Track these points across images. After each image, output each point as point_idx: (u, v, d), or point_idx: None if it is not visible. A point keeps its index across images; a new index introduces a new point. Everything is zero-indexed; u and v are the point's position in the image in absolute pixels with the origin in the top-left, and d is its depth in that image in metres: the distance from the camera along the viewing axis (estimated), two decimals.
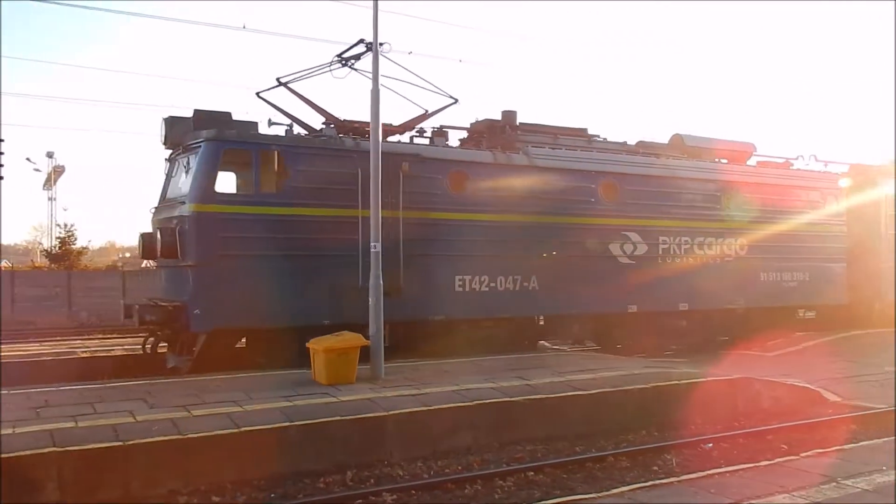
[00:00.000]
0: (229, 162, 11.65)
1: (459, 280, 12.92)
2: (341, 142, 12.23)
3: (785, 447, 8.09)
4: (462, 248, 12.90)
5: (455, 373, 10.73)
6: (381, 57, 10.69)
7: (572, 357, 13.32)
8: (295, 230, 11.49)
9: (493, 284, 13.21)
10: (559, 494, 6.15)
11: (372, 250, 10.38)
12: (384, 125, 11.61)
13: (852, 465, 6.12)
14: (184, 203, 11.18)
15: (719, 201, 15.85)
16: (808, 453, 6.58)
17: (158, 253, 11.31)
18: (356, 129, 12.64)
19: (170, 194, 12.10)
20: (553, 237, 13.78)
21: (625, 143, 15.71)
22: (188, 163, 11.42)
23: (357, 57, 12.19)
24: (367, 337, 10.11)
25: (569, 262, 13.92)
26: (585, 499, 5.46)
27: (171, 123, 11.97)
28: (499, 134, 14.13)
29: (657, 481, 5.83)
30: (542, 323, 14.25)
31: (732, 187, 16.02)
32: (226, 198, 11.33)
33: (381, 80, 10.68)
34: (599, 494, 5.51)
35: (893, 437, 7.33)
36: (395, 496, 6.81)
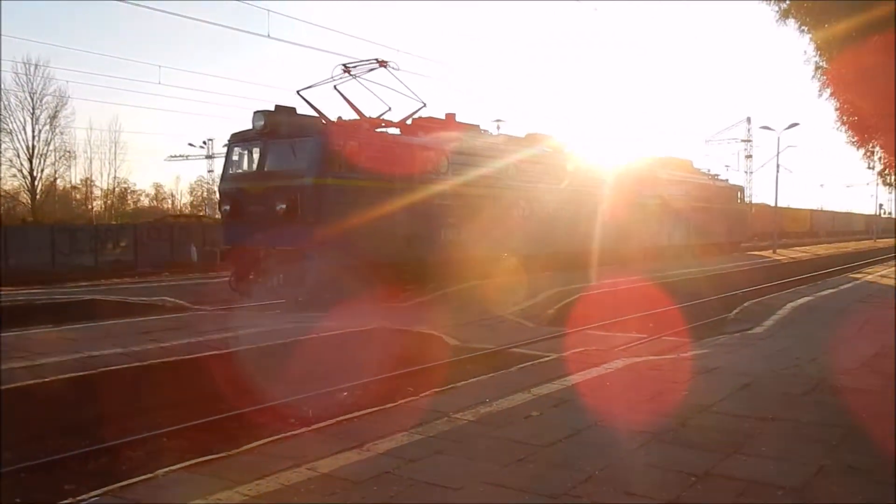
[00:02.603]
0: (331, 148, 15.13)
1: (444, 233, 17.69)
2: (386, 135, 17.41)
3: (411, 389, 8.85)
4: (444, 210, 17.61)
5: (81, 340, 9.82)
6: (388, 71, 16.68)
7: (215, 317, 13.04)
8: (367, 196, 15.53)
9: (456, 236, 17.94)
10: (193, 457, 6.00)
11: None
12: (385, 120, 17.62)
13: (463, 400, 6.89)
14: (302, 177, 14.84)
15: (563, 177, 22.15)
16: (427, 393, 7.29)
17: (283, 213, 14.66)
18: (381, 124, 17.59)
19: (271, 168, 15.53)
20: (489, 201, 18.98)
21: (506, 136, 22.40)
22: (294, 147, 15.19)
23: (362, 71, 16.86)
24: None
25: (494, 219, 19.01)
26: (219, 458, 5.39)
27: (269, 115, 15.63)
28: (446, 128, 19.23)
29: (291, 433, 5.99)
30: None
31: (572, 168, 22.73)
32: (332, 174, 15.02)
33: (380, 89, 18.28)
34: (231, 452, 5.47)
35: (500, 372, 8.49)
36: None
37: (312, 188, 14.80)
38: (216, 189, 23.03)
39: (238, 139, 16.49)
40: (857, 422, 6.06)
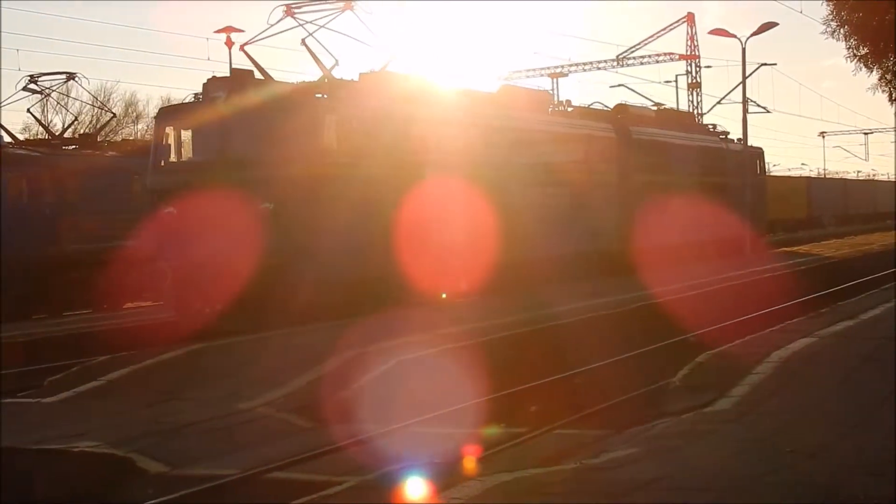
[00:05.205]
0: (335, 124, 21.35)
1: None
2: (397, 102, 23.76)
3: None
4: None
5: None
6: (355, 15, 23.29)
7: None
8: (386, 189, 21.98)
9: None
10: None
11: None
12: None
13: None
14: (293, 165, 19.95)
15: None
16: None
17: (268, 214, 19.52)
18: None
19: (240, 154, 20.57)
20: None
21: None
22: (276, 123, 20.15)
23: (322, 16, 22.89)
24: None
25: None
26: None
27: (231, 82, 21.11)
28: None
29: None
30: None
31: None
32: (335, 159, 21.12)
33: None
34: None
35: None
36: None
37: (310, 179, 19.94)
38: None
39: (176, 116, 21.97)
40: None
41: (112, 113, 45.91)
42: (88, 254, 25.49)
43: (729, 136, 44.45)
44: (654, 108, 42.03)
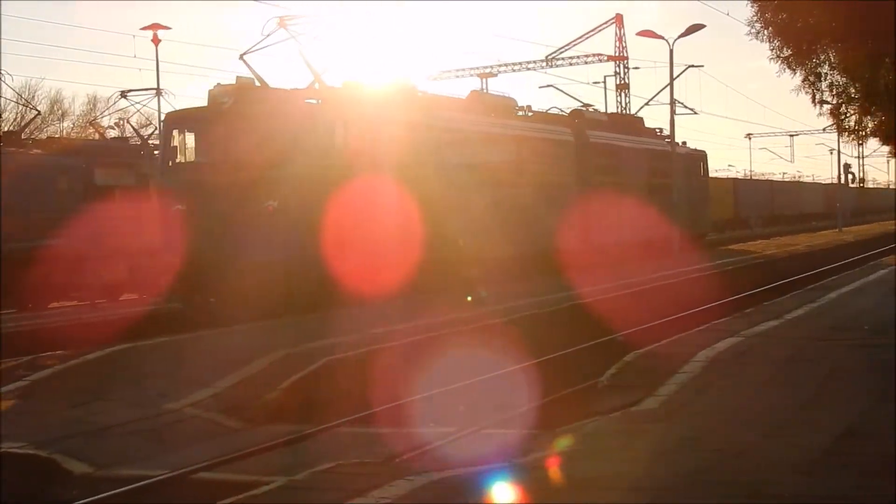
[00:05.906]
0: (334, 125, 23.61)
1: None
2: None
3: None
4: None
5: None
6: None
7: None
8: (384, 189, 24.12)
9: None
10: None
11: None
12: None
13: None
14: (295, 164, 21.77)
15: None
16: None
17: (272, 211, 21.15)
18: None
19: (244, 156, 21.81)
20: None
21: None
22: (281, 126, 22.00)
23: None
24: None
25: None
26: None
27: (236, 89, 22.88)
28: None
29: None
30: None
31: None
32: (338, 159, 23.12)
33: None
34: None
35: None
36: None
37: (306, 179, 21.58)
38: None
39: (183, 120, 24.25)
40: None
41: (37, 110, 45.64)
42: (13, 253, 24.97)
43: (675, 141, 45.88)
44: (582, 108, 43.02)
